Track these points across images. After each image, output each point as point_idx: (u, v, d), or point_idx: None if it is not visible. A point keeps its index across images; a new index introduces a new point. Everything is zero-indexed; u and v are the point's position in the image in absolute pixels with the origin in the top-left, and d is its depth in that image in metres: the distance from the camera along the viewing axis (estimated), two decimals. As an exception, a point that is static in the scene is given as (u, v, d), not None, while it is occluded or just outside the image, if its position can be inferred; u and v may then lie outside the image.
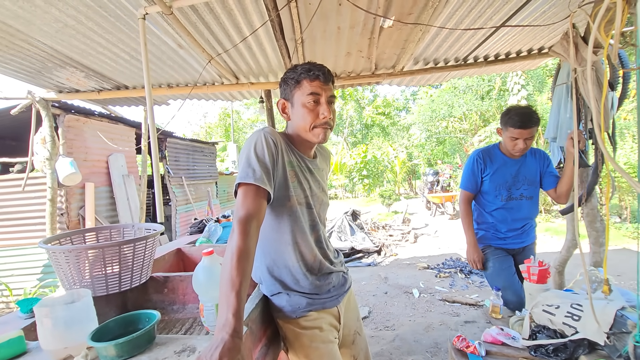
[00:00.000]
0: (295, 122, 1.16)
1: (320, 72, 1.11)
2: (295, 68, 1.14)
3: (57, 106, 4.22)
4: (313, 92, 1.10)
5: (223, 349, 0.75)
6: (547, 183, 1.95)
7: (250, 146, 1.06)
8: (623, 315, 1.19)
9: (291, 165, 1.13)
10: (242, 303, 0.85)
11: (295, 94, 1.13)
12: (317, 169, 1.25)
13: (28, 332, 1.00)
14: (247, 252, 0.90)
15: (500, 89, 13.20)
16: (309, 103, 1.11)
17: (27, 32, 2.34)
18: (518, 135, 1.80)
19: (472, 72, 4.03)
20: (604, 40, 0.91)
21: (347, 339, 1.34)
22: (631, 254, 5.19)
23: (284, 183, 1.10)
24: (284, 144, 1.14)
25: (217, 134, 22.19)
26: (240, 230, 0.91)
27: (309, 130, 1.13)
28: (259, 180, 0.99)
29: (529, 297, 1.61)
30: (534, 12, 2.45)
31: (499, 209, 1.99)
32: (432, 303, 3.81)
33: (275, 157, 1.07)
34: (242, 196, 0.99)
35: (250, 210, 0.96)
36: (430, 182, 11.15)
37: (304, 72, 1.11)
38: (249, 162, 1.02)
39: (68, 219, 4.39)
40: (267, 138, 1.07)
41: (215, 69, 3.21)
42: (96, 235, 1.44)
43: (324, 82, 1.12)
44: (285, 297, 1.16)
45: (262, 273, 1.20)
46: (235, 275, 0.86)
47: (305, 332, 1.16)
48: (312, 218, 1.18)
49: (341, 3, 2.11)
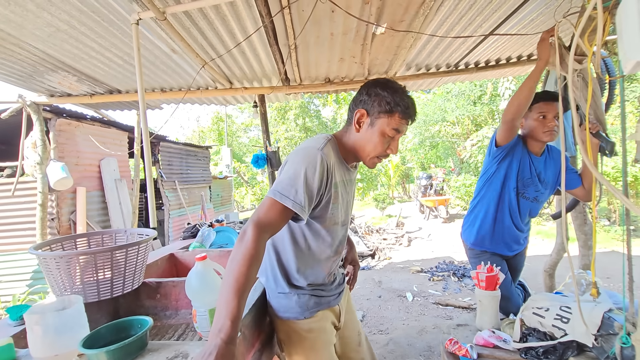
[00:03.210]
0: (362, 141, 1.13)
1: (414, 115, 1.11)
2: (395, 93, 1.08)
3: (48, 110, 4.18)
4: (397, 129, 1.09)
5: (217, 355, 0.74)
6: (569, 181, 1.72)
7: (302, 165, 1.01)
8: (610, 317, 1.22)
9: (336, 186, 1.11)
10: (241, 309, 0.82)
11: (381, 118, 1.09)
12: (353, 180, 1.27)
13: (17, 339, 0.99)
14: (257, 258, 0.88)
15: (491, 94, 13.39)
16: (388, 136, 1.09)
17: (19, 36, 2.33)
18: (546, 109, 1.62)
19: (463, 78, 4.09)
20: (587, 49, 0.94)
21: (353, 340, 1.35)
22: (620, 256, 5.26)
23: (326, 204, 1.10)
24: (336, 160, 1.12)
25: (211, 137, 22.10)
26: (255, 235, 0.89)
27: (369, 157, 1.13)
28: (297, 206, 0.97)
29: (478, 304, 1.58)
30: (523, 20, 2.50)
31: (511, 208, 1.78)
32: (426, 306, 3.82)
33: (324, 183, 1.05)
34: (271, 206, 0.97)
35: (272, 221, 0.95)
36: (424, 186, 11.22)
37: (403, 107, 1.07)
38: (295, 182, 0.99)
39: (59, 224, 4.33)
40: (322, 162, 1.03)
41: (209, 73, 3.22)
42: (88, 241, 1.43)
43: (408, 123, 1.12)
44: (294, 297, 1.16)
45: (274, 270, 1.19)
46: (243, 280, 0.83)
47: (309, 335, 1.17)
48: (342, 234, 1.22)
49: (334, 10, 2.13)
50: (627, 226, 1.08)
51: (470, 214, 1.93)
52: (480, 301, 1.57)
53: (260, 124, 4.21)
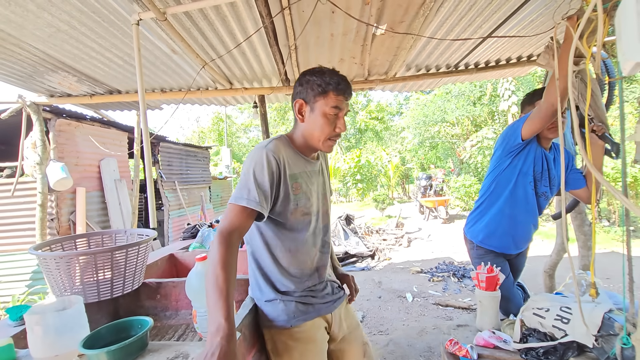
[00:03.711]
0: (309, 128, 1.15)
1: (348, 89, 1.13)
2: (323, 74, 1.12)
3: (48, 110, 4.18)
4: (337, 106, 1.11)
5: (220, 353, 0.74)
6: (573, 181, 1.70)
7: (250, 165, 1.06)
8: (610, 317, 1.22)
9: (295, 178, 1.13)
10: (231, 307, 0.85)
11: (318, 101, 1.12)
12: (321, 170, 1.27)
13: (17, 340, 0.99)
14: (229, 262, 0.92)
15: (491, 94, 13.43)
16: (330, 115, 1.11)
17: (19, 37, 2.33)
18: None
19: (463, 79, 4.10)
20: (586, 50, 0.94)
21: (357, 352, 1.30)
22: (619, 257, 5.26)
23: (287, 197, 1.11)
24: (288, 154, 1.14)
25: (211, 138, 22.12)
26: (220, 241, 0.94)
27: (322, 141, 1.14)
28: (252, 203, 1.01)
29: (479, 304, 1.57)
30: (522, 21, 2.50)
31: (527, 203, 1.71)
32: (426, 307, 3.82)
33: (276, 177, 1.08)
34: (229, 211, 1.02)
35: (233, 224, 0.99)
36: (424, 187, 11.22)
37: (334, 84, 1.10)
38: (246, 182, 1.04)
39: (58, 225, 4.33)
40: (268, 157, 1.06)
41: (209, 74, 3.22)
42: (88, 241, 1.43)
43: (346, 98, 1.14)
44: (280, 305, 1.13)
45: (257, 278, 1.17)
46: (221, 282, 0.87)
47: (297, 345, 1.13)
48: (315, 226, 1.19)
49: (334, 11, 2.13)
50: (626, 227, 1.08)
51: (477, 212, 1.86)
52: (481, 302, 1.57)
53: (260, 124, 4.21)
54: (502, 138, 1.75)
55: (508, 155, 1.70)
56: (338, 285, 1.33)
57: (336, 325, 1.26)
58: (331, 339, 1.26)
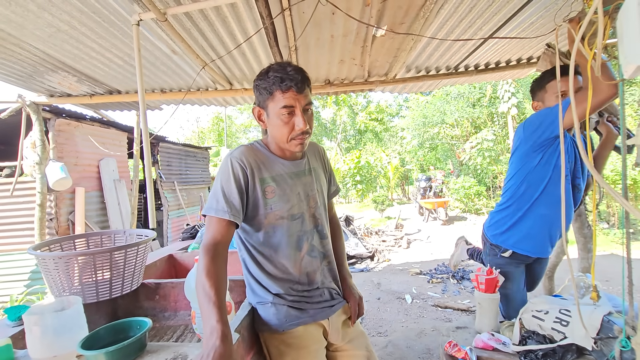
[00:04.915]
0: (271, 132, 1.12)
1: (292, 83, 1.02)
2: (267, 75, 1.05)
3: (47, 110, 4.18)
4: (286, 105, 1.04)
5: (215, 354, 0.75)
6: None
7: (217, 175, 1.08)
8: (610, 320, 1.22)
9: (266, 182, 1.10)
10: (223, 310, 0.87)
11: (268, 105, 1.07)
12: (307, 170, 1.20)
13: (16, 340, 0.98)
14: (213, 270, 0.94)
15: (491, 96, 13.45)
16: (283, 116, 1.05)
17: (19, 36, 2.33)
18: (565, 85, 1.43)
19: (463, 81, 4.10)
20: (587, 53, 0.94)
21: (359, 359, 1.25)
22: (619, 259, 5.27)
23: (259, 202, 1.09)
24: (260, 159, 1.12)
25: (210, 138, 22.11)
26: (204, 253, 0.97)
27: (286, 142, 1.09)
28: (220, 212, 1.01)
29: (478, 306, 1.57)
30: (522, 23, 2.51)
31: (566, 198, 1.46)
32: (425, 309, 3.82)
33: (243, 182, 1.06)
34: (207, 224, 1.04)
35: (213, 235, 1.00)
36: (423, 188, 11.22)
37: (276, 82, 1.03)
38: (215, 193, 1.05)
39: (57, 225, 4.32)
40: (233, 164, 1.06)
41: (209, 74, 3.22)
42: (86, 242, 1.43)
43: (297, 91, 1.04)
44: (272, 309, 1.10)
45: (249, 280, 1.16)
46: (208, 289, 0.89)
47: (289, 350, 1.10)
48: (298, 229, 1.13)
49: (334, 12, 2.14)
50: (626, 229, 1.08)
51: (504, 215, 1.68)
52: (480, 304, 1.57)
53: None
54: (529, 132, 1.56)
55: (539, 149, 1.54)
56: (337, 292, 1.25)
57: (334, 331, 1.19)
58: (330, 346, 1.22)
